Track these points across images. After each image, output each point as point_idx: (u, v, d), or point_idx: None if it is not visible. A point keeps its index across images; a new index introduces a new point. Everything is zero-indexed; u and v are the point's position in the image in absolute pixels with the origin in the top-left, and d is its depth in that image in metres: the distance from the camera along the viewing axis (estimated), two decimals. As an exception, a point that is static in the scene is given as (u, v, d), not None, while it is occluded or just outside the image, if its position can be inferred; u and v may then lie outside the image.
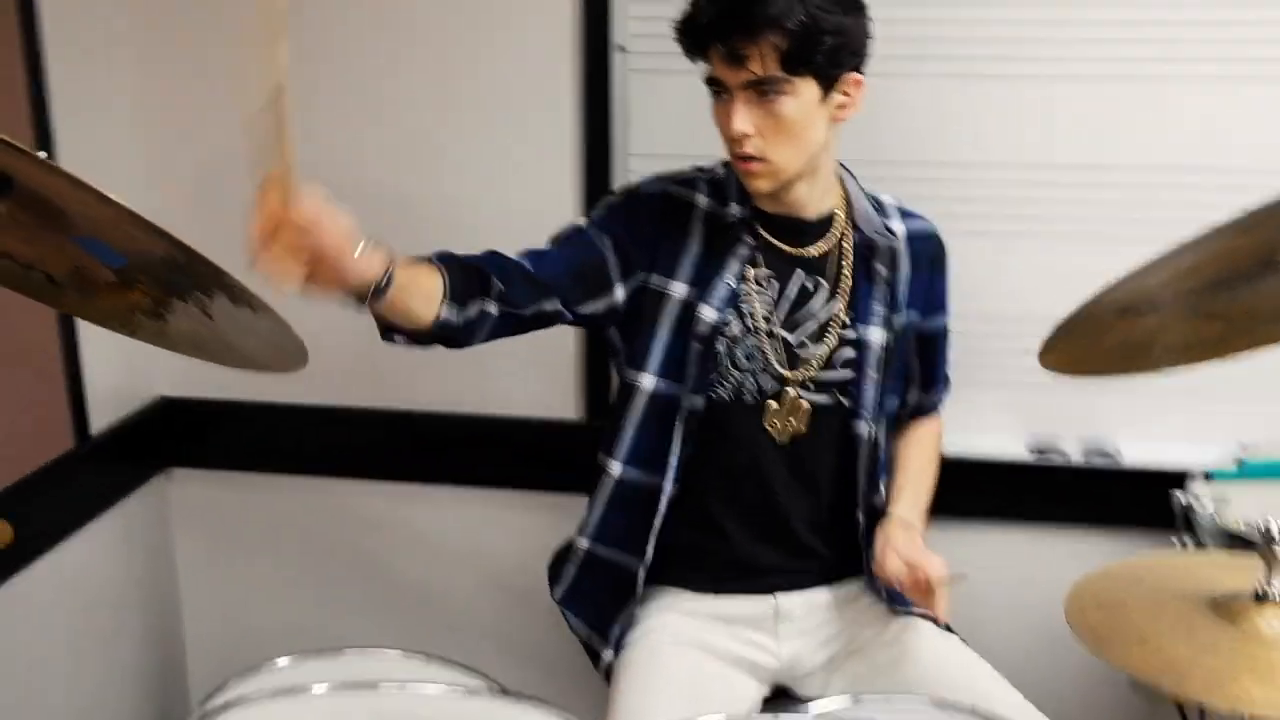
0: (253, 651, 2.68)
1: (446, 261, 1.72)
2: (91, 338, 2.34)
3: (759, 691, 1.99)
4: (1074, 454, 2.37)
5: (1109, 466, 2.35)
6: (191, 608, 2.76)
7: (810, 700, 1.86)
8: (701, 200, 1.92)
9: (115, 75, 2.43)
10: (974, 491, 2.32)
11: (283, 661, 1.68)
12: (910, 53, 2.22)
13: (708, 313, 1.88)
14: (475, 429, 2.54)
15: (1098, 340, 1.51)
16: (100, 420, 2.41)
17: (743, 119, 1.74)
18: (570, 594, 2.07)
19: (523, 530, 2.56)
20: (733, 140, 1.77)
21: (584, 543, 2.03)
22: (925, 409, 2.14)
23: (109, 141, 2.42)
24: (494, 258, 1.81)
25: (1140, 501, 2.27)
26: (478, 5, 2.35)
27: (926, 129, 2.28)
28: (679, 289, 1.89)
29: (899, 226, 1.96)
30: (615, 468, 1.96)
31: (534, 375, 2.48)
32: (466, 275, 1.73)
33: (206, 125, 2.48)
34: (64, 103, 2.23)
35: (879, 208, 1.96)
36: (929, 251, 1.99)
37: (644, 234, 1.90)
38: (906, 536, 1.88)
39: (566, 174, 2.38)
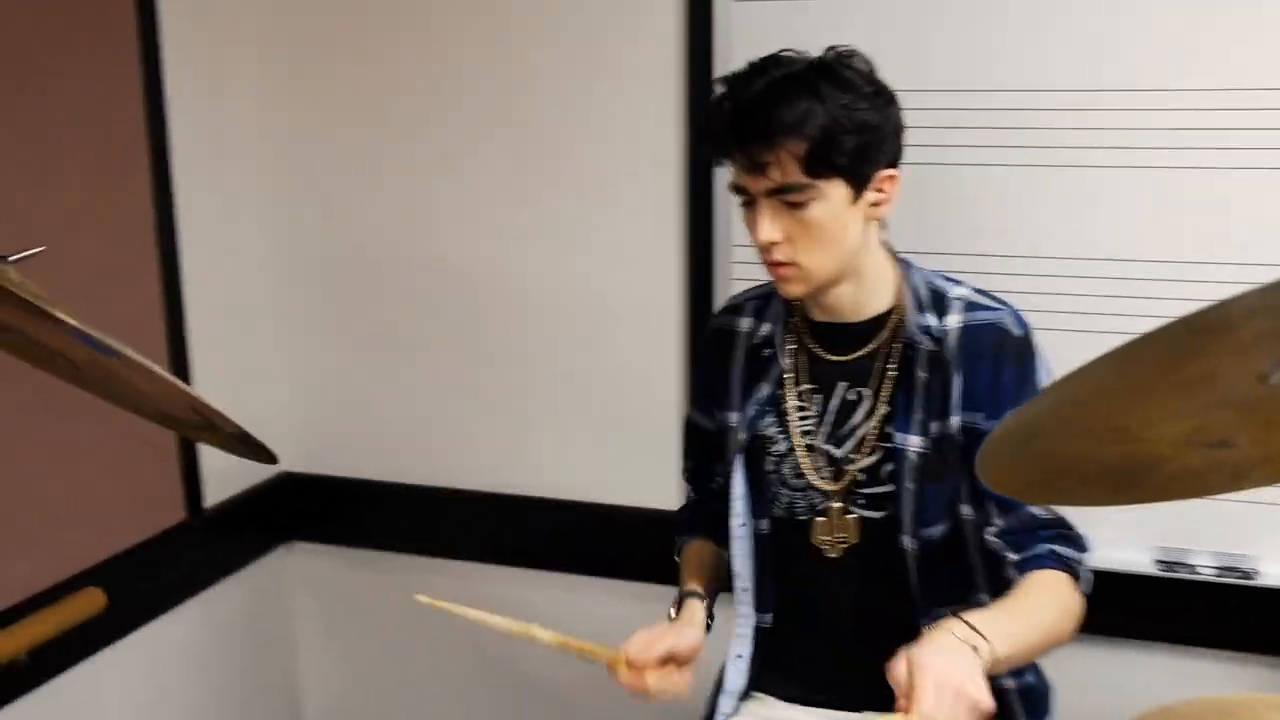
0: (362, 711, 2.75)
1: (701, 526, 2.01)
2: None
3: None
4: (1205, 568, 2.17)
5: (1244, 583, 2.14)
6: (309, 676, 2.80)
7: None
8: (744, 324, 1.90)
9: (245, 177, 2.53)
10: (1091, 605, 2.14)
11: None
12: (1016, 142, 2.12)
13: (741, 436, 1.86)
14: (597, 517, 2.51)
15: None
16: (218, 493, 2.48)
17: (769, 227, 1.67)
18: None
19: (646, 621, 2.49)
20: (762, 248, 1.70)
21: None
22: (1036, 556, 1.76)
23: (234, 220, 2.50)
24: (704, 507, 2.02)
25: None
26: (582, 85, 2.35)
27: (1035, 218, 2.16)
28: (733, 418, 1.89)
29: (955, 320, 1.78)
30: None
31: (654, 467, 2.42)
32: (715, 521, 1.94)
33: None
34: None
35: (939, 300, 1.80)
36: (989, 344, 1.77)
37: (710, 377, 1.94)
38: (947, 648, 1.55)
39: (671, 255, 2.35)
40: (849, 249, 1.71)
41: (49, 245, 2.01)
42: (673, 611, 1.84)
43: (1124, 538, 2.21)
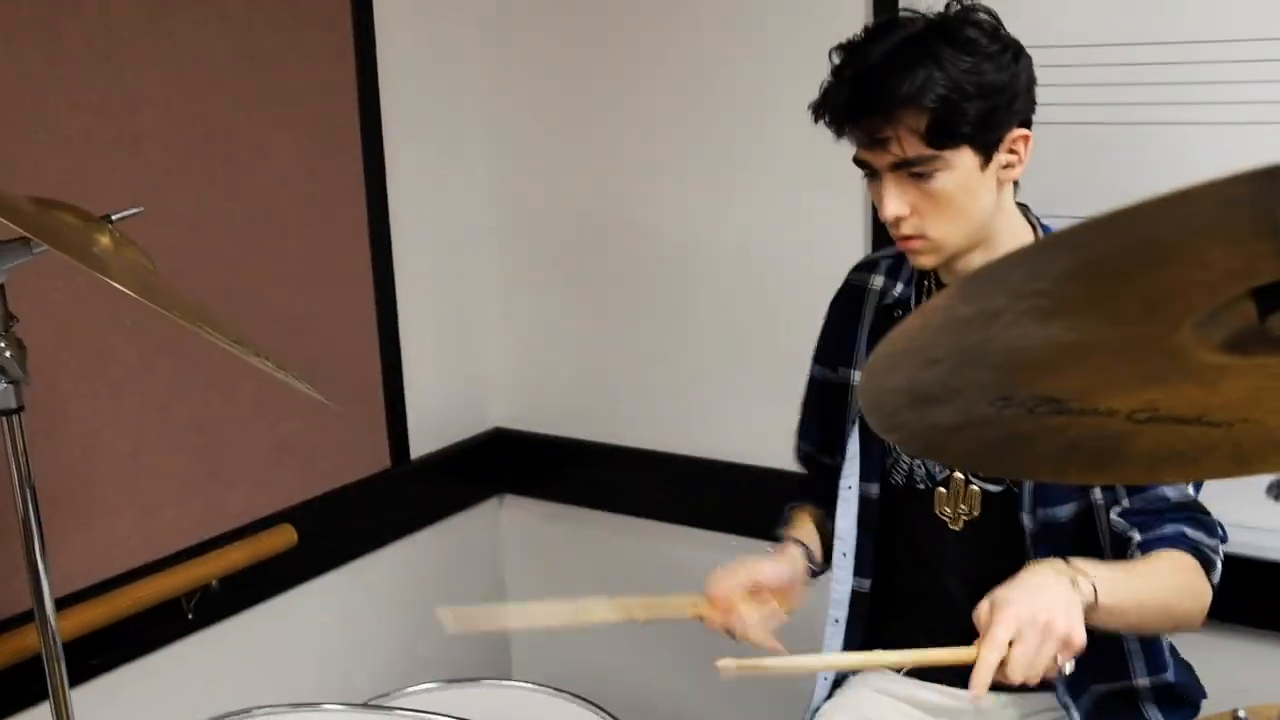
0: (574, 677, 2.80)
1: (810, 499, 1.94)
2: (419, 371, 2.53)
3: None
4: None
5: None
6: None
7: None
8: (876, 281, 1.84)
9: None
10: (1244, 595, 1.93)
11: (427, 685, 1.72)
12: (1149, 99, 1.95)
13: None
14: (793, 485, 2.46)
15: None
16: (427, 445, 2.59)
17: (895, 201, 1.59)
18: None
19: None
20: (888, 223, 1.62)
21: None
22: (1162, 535, 1.62)
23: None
24: (814, 471, 1.97)
25: None
26: (776, 59, 2.31)
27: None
28: (856, 376, 1.83)
29: None
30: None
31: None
32: (824, 497, 1.89)
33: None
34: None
35: None
36: None
37: (837, 332, 1.89)
38: (1041, 585, 1.45)
39: (857, 220, 2.29)
40: (980, 216, 1.62)
41: (261, 209, 2.18)
42: (769, 548, 1.80)
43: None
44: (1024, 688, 1.63)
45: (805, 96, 2.31)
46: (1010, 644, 1.39)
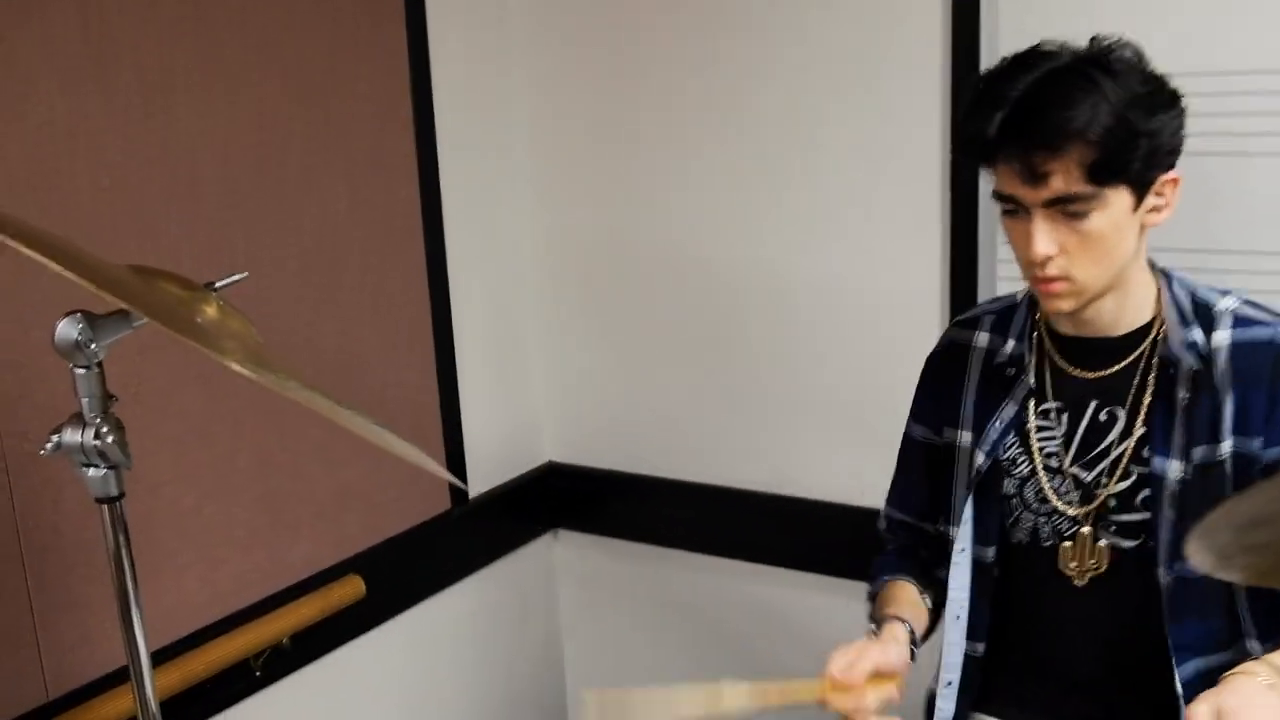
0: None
1: (903, 571, 1.80)
2: (474, 407, 2.43)
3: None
4: None
5: None
6: (574, 664, 2.79)
7: None
8: (981, 339, 1.73)
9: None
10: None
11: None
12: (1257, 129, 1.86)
13: (979, 458, 1.68)
14: (851, 520, 2.34)
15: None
16: (483, 483, 2.49)
17: (1045, 241, 1.48)
18: None
19: None
20: (1033, 263, 1.51)
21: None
22: None
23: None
24: (905, 540, 1.87)
25: None
26: (843, 77, 2.21)
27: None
28: (965, 437, 1.72)
29: (1223, 337, 1.57)
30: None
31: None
32: (917, 568, 1.80)
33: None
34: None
35: (1204, 314, 1.59)
36: (1266, 363, 1.56)
37: (938, 392, 1.78)
38: (1256, 690, 1.39)
39: (934, 256, 2.19)
40: (1123, 260, 1.53)
41: (319, 249, 2.08)
42: (873, 627, 1.69)
43: None
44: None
45: (869, 122, 2.25)
46: None
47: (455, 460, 2.40)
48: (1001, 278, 2.13)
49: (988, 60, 2.06)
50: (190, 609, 1.92)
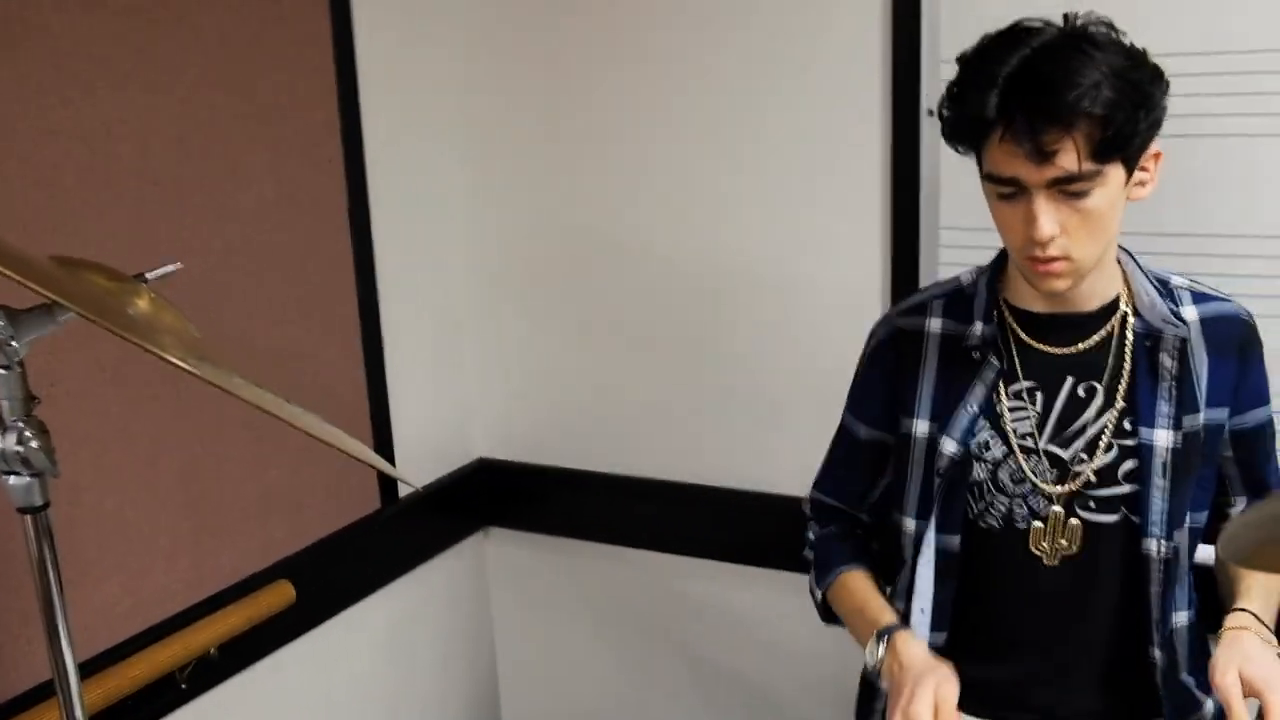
0: (562, 709, 2.65)
1: (857, 560, 1.77)
2: (404, 402, 2.34)
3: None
4: None
5: None
6: (507, 663, 2.72)
7: None
8: (934, 325, 1.67)
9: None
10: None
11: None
12: (1191, 110, 1.84)
13: (949, 446, 1.63)
14: (795, 511, 2.31)
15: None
16: (413, 481, 2.40)
17: (1050, 221, 1.44)
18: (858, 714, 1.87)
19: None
20: (1034, 244, 1.47)
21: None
22: None
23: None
24: (837, 524, 1.83)
25: None
26: (782, 63, 2.16)
27: (1212, 196, 1.90)
28: (923, 427, 1.66)
29: (1190, 312, 1.60)
30: (899, 604, 1.74)
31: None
32: (866, 556, 1.78)
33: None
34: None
35: (1165, 291, 1.61)
36: (1234, 337, 1.60)
37: (887, 384, 1.72)
38: (1262, 649, 1.49)
39: (874, 244, 2.14)
40: (1113, 237, 1.52)
41: (244, 239, 1.97)
42: (880, 650, 1.61)
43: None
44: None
45: (810, 108, 2.19)
46: None
47: (384, 457, 2.30)
48: (944, 263, 2.10)
49: (930, 46, 2.03)
50: (113, 620, 1.81)
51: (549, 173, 2.41)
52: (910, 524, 1.69)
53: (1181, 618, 1.64)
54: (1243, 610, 1.54)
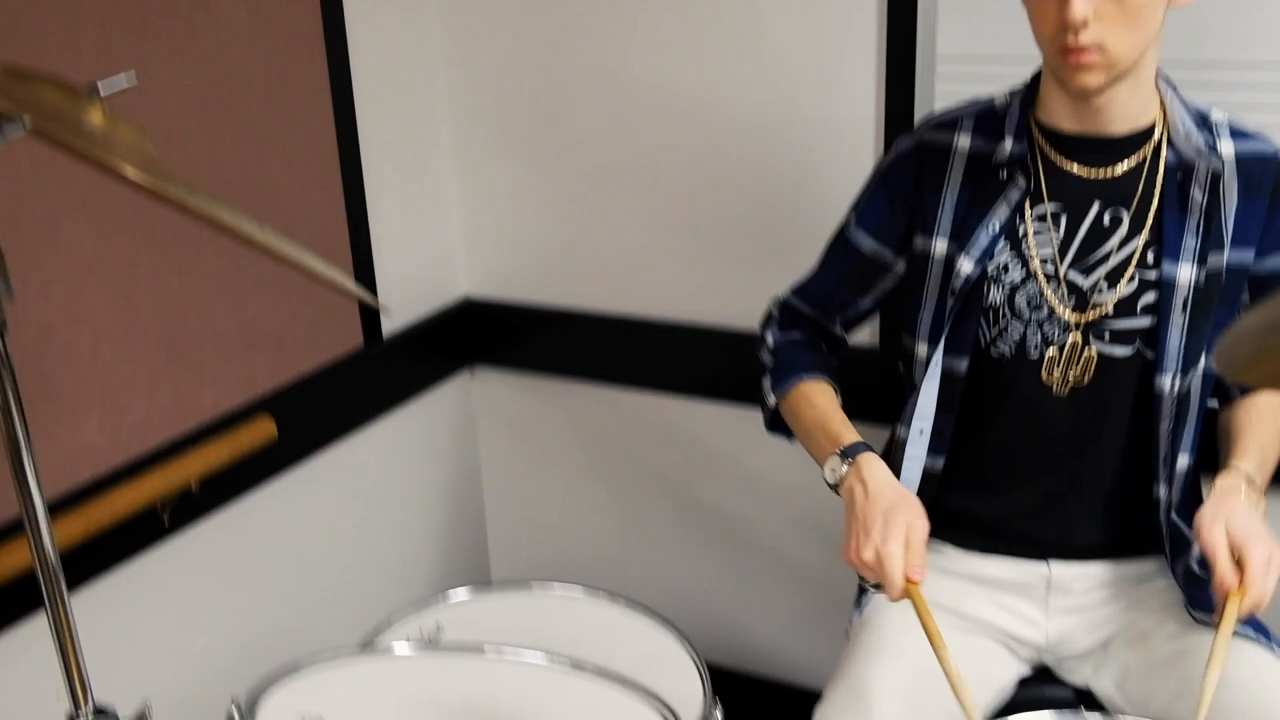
0: (548, 549, 2.65)
1: (819, 370, 1.73)
2: (386, 239, 2.28)
3: (1017, 670, 1.69)
4: None
5: None
6: (494, 501, 2.70)
7: (1073, 685, 1.66)
8: (963, 141, 1.61)
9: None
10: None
11: (460, 594, 1.52)
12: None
13: (965, 266, 1.58)
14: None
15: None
16: (397, 320, 2.35)
17: (1084, 2, 1.38)
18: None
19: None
20: (1067, 29, 1.40)
21: None
22: None
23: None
24: (803, 330, 1.78)
25: None
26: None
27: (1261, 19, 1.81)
28: (941, 246, 1.61)
29: (1227, 147, 1.54)
30: (900, 431, 1.71)
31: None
32: (828, 370, 1.74)
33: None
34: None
35: (1204, 124, 1.55)
36: (1269, 178, 1.54)
37: (904, 200, 1.65)
38: (1249, 509, 1.48)
39: (869, 77, 2.06)
40: (1150, 37, 1.45)
41: (220, 78, 1.89)
42: (843, 468, 1.55)
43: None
44: (1129, 554, 1.64)
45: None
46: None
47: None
48: (941, 94, 2.02)
49: None
50: (91, 455, 1.77)
51: (535, 6, 2.31)
52: (922, 348, 1.65)
53: (1186, 459, 1.63)
54: (1237, 468, 1.52)
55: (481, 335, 2.55)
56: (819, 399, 1.69)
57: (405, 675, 1.23)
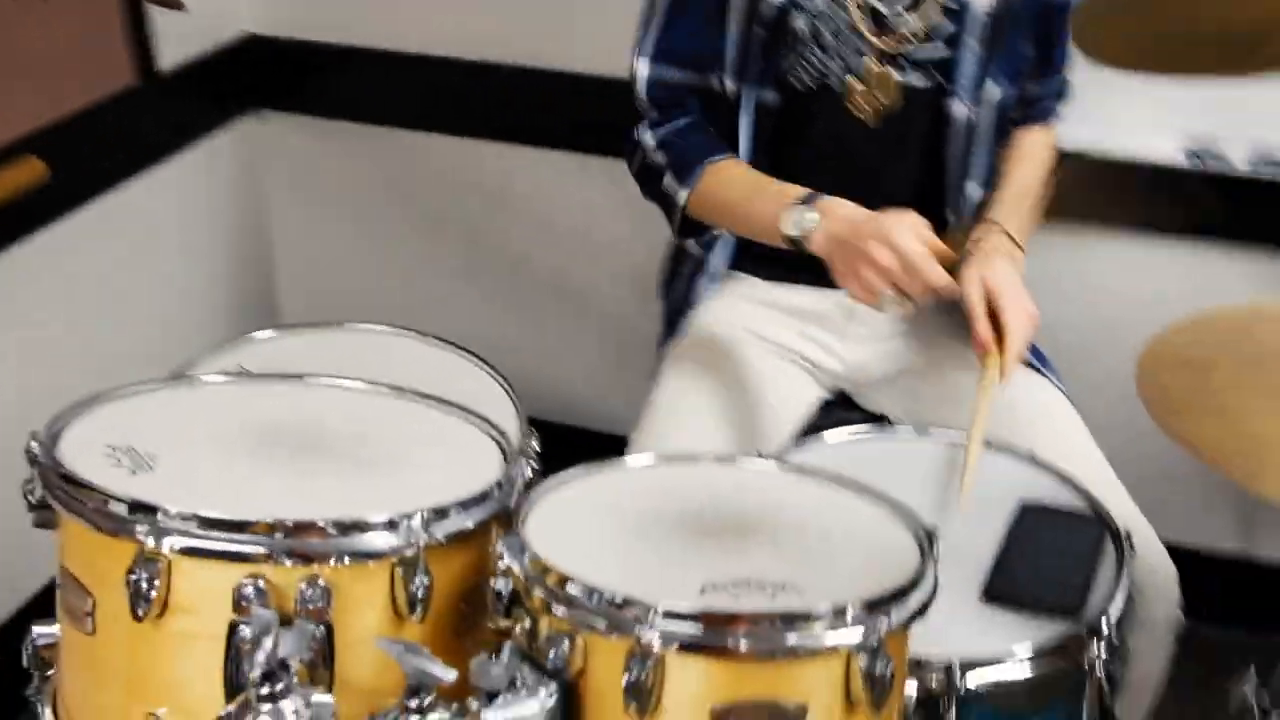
0: (343, 298, 2.56)
1: (722, 150, 1.60)
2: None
3: (817, 395, 1.72)
4: (1238, 160, 1.93)
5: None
6: (284, 253, 2.58)
7: (870, 412, 1.70)
8: None
9: None
10: (1113, 197, 1.92)
11: (263, 334, 1.44)
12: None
13: None
14: (588, 90, 2.17)
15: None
16: (174, 56, 2.17)
17: None
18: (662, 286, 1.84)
19: (619, 199, 2.20)
20: None
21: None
22: (1037, 111, 1.72)
23: None
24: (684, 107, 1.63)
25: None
26: None
27: None
28: None
29: None
30: None
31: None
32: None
33: None
34: None
35: None
36: None
37: None
38: (1007, 266, 1.48)
39: None
40: None
41: None
42: (811, 214, 1.42)
43: (1150, 124, 1.96)
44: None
45: None
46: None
47: (136, 27, 2.07)
48: None
49: None
50: None
51: None
52: (731, 84, 1.59)
53: (975, 189, 1.64)
54: (992, 223, 1.54)
55: (267, 76, 2.39)
56: (738, 171, 1.58)
57: (217, 404, 1.17)
